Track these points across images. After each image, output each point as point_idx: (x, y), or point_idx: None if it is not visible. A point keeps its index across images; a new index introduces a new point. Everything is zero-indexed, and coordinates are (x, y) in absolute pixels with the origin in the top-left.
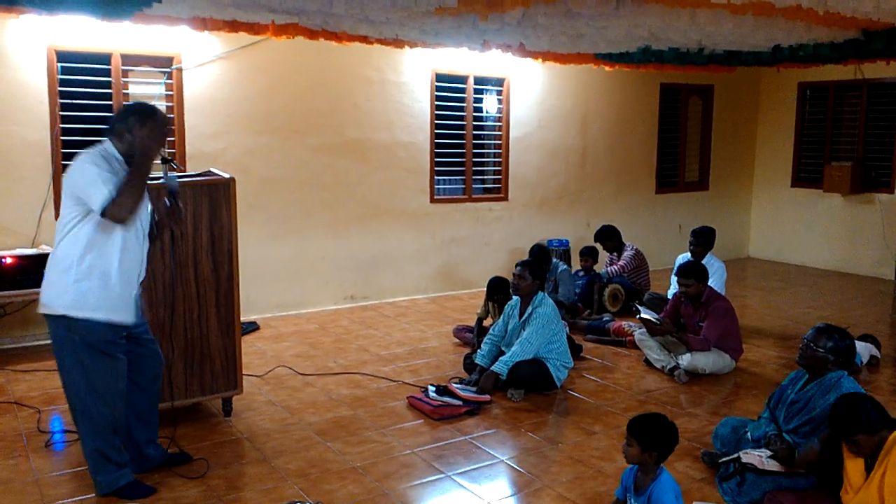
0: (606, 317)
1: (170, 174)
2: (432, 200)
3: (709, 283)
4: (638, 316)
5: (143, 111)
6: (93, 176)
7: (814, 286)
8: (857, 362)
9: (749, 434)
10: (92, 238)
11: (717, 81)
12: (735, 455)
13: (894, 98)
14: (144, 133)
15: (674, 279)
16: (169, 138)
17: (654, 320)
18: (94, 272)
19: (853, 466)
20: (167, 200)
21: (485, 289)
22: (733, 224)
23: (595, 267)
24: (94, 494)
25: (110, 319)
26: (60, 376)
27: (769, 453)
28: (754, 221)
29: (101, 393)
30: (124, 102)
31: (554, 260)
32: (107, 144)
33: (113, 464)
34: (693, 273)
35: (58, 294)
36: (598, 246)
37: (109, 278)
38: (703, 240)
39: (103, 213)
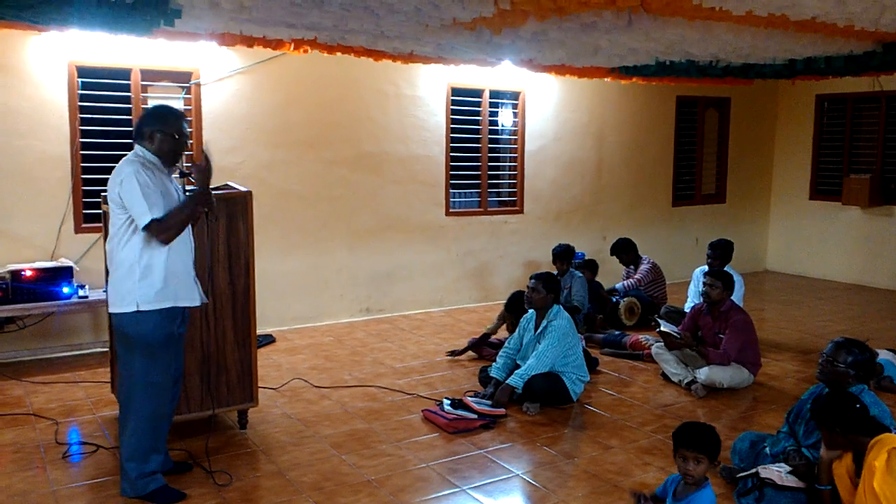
0: (617, 332)
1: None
2: (447, 213)
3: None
4: (658, 329)
5: (163, 112)
6: (136, 192)
7: (832, 300)
8: (890, 375)
9: (768, 449)
10: (146, 237)
11: (734, 94)
12: (753, 470)
13: None
14: (171, 133)
15: (691, 291)
16: (187, 152)
17: (674, 334)
18: (154, 268)
19: (837, 464)
20: (203, 160)
21: (500, 302)
22: (751, 237)
23: (598, 279)
24: None
25: (177, 305)
26: (121, 374)
27: (788, 468)
28: (772, 234)
29: (155, 390)
30: (144, 108)
31: (571, 269)
32: (138, 149)
33: (150, 468)
34: (721, 277)
35: (127, 291)
36: (615, 259)
37: (169, 269)
38: (720, 252)
39: (146, 229)
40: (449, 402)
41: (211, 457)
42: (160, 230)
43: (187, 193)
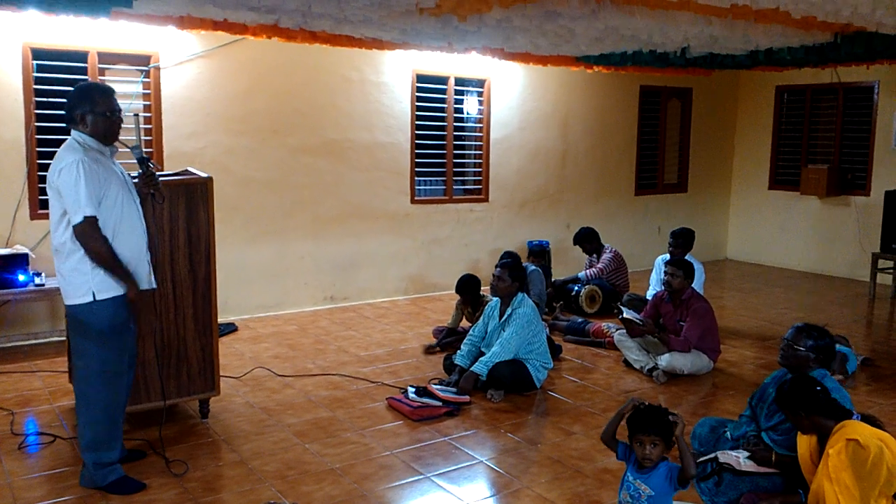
0: (580, 319)
1: (134, 145)
2: (413, 201)
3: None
4: (620, 316)
5: (89, 92)
6: (73, 183)
7: (790, 288)
8: (846, 368)
9: (728, 433)
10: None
11: (696, 84)
12: (713, 455)
13: (869, 101)
14: (102, 112)
15: (653, 279)
16: (146, 137)
17: (636, 320)
18: None
19: (801, 440)
20: (140, 169)
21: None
22: (711, 226)
23: (562, 268)
24: (70, 497)
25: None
26: (76, 365)
27: (747, 454)
28: (732, 223)
29: (110, 378)
30: (71, 90)
31: (525, 263)
32: (76, 134)
33: (108, 458)
34: (682, 265)
35: (81, 282)
36: (578, 248)
37: (122, 254)
38: (682, 241)
39: (78, 226)
40: (413, 389)
41: (172, 446)
42: (89, 237)
43: (136, 177)
